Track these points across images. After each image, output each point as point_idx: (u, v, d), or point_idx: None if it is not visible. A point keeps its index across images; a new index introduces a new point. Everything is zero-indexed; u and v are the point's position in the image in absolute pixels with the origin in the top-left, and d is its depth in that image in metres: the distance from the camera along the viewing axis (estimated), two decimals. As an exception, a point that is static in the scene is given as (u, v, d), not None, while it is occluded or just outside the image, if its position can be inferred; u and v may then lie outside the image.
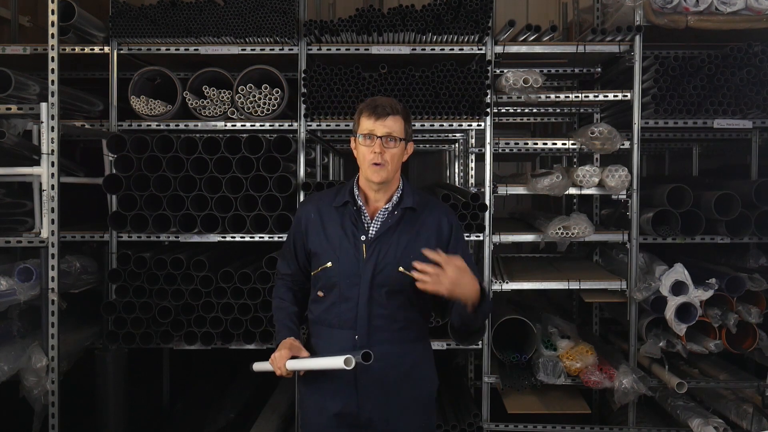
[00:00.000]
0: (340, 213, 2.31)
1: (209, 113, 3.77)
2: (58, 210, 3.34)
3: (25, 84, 3.45)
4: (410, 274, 2.15)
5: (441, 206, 2.42)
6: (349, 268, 2.25)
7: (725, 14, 3.72)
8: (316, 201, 2.40)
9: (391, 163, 2.24)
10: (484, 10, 3.63)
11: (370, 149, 2.23)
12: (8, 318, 3.54)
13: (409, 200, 2.31)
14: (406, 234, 2.28)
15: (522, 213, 5.53)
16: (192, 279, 3.60)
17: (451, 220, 2.36)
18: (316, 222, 2.33)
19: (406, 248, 2.25)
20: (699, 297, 3.66)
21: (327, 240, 2.30)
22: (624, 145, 3.80)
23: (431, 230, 2.31)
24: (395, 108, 2.25)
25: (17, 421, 3.66)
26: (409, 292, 2.25)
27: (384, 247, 2.25)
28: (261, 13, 3.65)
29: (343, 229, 2.29)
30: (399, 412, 2.28)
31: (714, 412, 3.78)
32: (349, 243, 2.27)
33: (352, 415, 2.26)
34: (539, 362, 3.77)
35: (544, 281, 3.90)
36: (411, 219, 2.31)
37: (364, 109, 2.27)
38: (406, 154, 2.32)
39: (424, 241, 2.27)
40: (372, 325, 2.24)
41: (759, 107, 3.65)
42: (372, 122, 2.23)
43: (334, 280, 2.27)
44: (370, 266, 2.23)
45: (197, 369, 5.03)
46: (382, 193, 2.31)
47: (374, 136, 2.23)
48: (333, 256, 2.27)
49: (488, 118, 3.75)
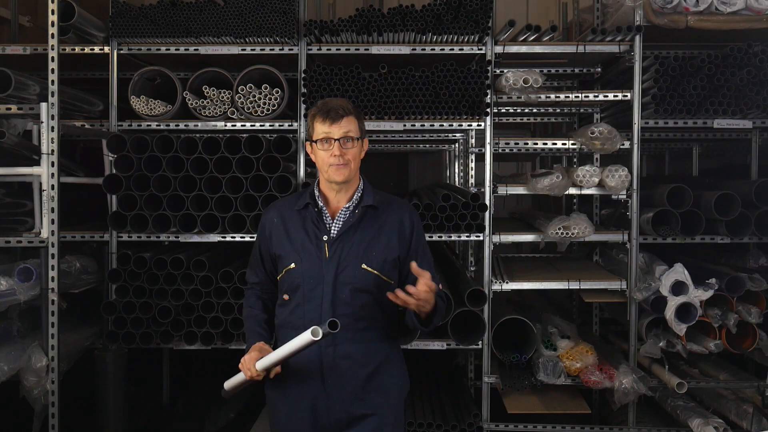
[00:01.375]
0: (301, 216, 2.36)
1: (209, 113, 3.77)
2: (58, 210, 3.35)
3: (25, 84, 3.45)
4: (374, 271, 2.25)
5: (402, 204, 2.46)
6: (312, 267, 2.29)
7: (725, 14, 3.72)
8: (279, 207, 2.45)
9: (353, 162, 2.30)
10: (484, 10, 3.63)
11: (329, 152, 2.28)
12: (8, 318, 3.54)
13: (370, 198, 2.36)
14: (368, 231, 2.32)
15: (522, 213, 5.53)
16: (192, 279, 3.60)
17: (413, 218, 2.41)
18: (279, 226, 2.37)
19: (369, 245, 2.30)
20: (699, 297, 3.65)
21: (290, 242, 2.34)
22: (624, 145, 3.80)
23: (393, 227, 2.35)
24: (347, 109, 2.31)
25: (17, 421, 3.66)
26: (374, 291, 2.30)
27: (346, 245, 2.29)
28: (261, 13, 3.65)
29: (305, 230, 2.33)
30: (370, 412, 2.29)
31: (714, 412, 3.78)
32: (312, 243, 2.31)
33: (322, 417, 2.28)
34: (539, 362, 3.77)
35: (544, 281, 3.90)
36: (372, 217, 2.35)
37: (317, 114, 2.31)
38: (363, 150, 2.38)
39: (386, 238, 2.33)
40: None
41: (759, 107, 3.65)
42: (327, 126, 2.28)
43: (297, 282, 2.30)
44: (333, 265, 2.27)
45: (197, 369, 5.03)
46: (344, 193, 2.35)
47: (332, 140, 2.27)
48: (296, 257, 2.31)
49: (488, 118, 3.75)
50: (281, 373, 2.26)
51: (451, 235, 3.72)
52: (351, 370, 2.28)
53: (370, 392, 2.30)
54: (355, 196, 2.36)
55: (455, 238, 3.75)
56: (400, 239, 2.35)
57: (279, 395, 2.35)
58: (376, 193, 2.40)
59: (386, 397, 2.34)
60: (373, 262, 2.29)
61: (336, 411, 2.28)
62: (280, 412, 2.36)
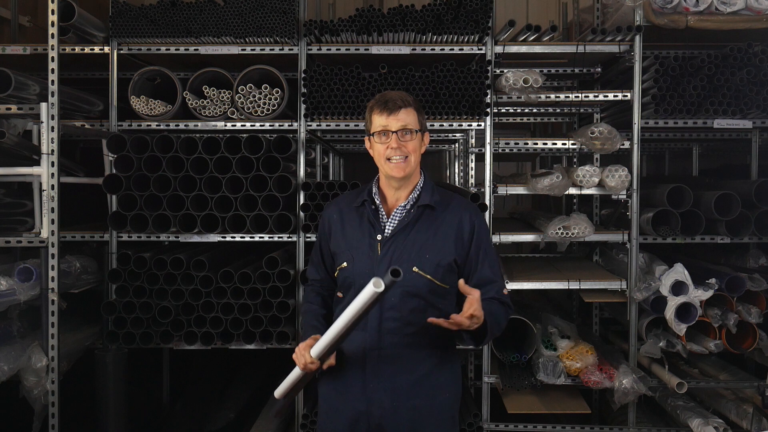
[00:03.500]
0: (359, 213, 2.29)
1: (209, 113, 3.77)
2: (58, 210, 3.35)
3: (25, 84, 3.45)
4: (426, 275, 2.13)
5: (464, 203, 2.33)
6: (364, 267, 2.20)
7: (725, 14, 3.72)
8: (339, 203, 2.38)
9: (412, 155, 2.21)
10: (484, 10, 3.63)
11: (386, 145, 2.20)
12: (8, 318, 3.54)
13: (428, 197, 2.25)
14: (423, 232, 2.21)
15: (522, 213, 5.53)
16: (192, 279, 3.60)
17: (474, 218, 2.27)
18: (337, 223, 2.31)
19: (423, 247, 2.20)
20: (699, 297, 3.65)
21: (345, 240, 2.27)
22: (624, 145, 3.80)
23: (451, 229, 2.23)
24: (406, 100, 2.22)
25: (17, 421, 3.66)
26: (426, 296, 2.19)
27: (399, 245, 2.20)
28: (261, 13, 3.65)
29: (361, 228, 2.25)
30: (411, 421, 2.19)
31: (714, 412, 3.79)
32: (365, 242, 2.23)
33: (362, 420, 2.20)
34: (539, 362, 3.77)
35: (544, 281, 3.89)
36: (430, 217, 2.24)
37: (374, 106, 2.23)
38: (423, 145, 2.28)
39: (442, 240, 2.21)
40: (382, 327, 2.18)
41: (759, 107, 3.65)
42: (385, 118, 2.20)
43: (350, 280, 2.23)
44: (384, 265, 2.16)
45: (197, 369, 5.03)
46: (403, 190, 2.27)
47: (389, 132, 2.19)
48: (348, 256, 2.24)
49: (488, 118, 3.75)
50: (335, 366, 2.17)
51: (451, 235, 3.71)
52: (394, 375, 2.18)
53: (415, 400, 2.18)
54: (412, 195, 2.27)
55: (455, 238, 3.74)
56: (457, 242, 2.22)
57: (326, 391, 2.27)
58: (435, 192, 2.28)
59: (432, 405, 2.21)
60: (426, 265, 2.17)
61: (376, 416, 2.18)
62: (325, 409, 2.27)
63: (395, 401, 2.18)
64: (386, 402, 2.18)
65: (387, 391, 2.18)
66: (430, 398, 2.22)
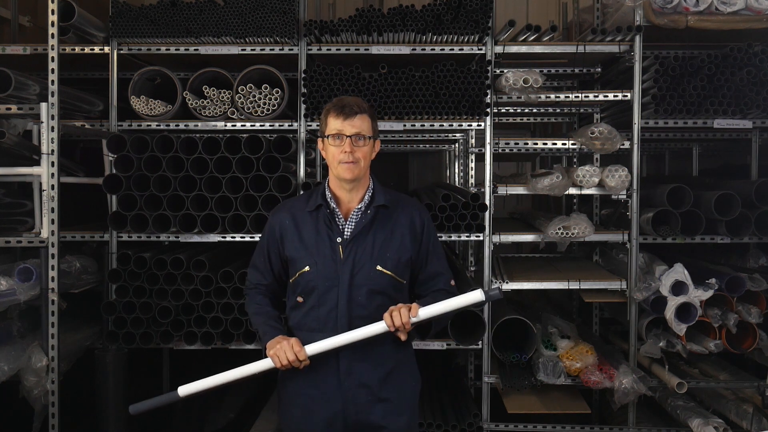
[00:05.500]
0: (314, 217, 2.33)
1: (209, 113, 3.77)
2: (58, 210, 3.35)
3: (25, 84, 3.45)
4: (388, 272, 2.25)
5: (413, 203, 2.45)
6: (327, 270, 2.27)
7: (725, 14, 3.72)
8: (290, 208, 2.41)
9: (363, 161, 2.28)
10: (484, 10, 3.63)
11: (340, 149, 2.26)
12: (8, 318, 3.54)
13: (381, 198, 2.34)
14: (381, 232, 2.31)
15: (522, 213, 5.53)
16: (192, 279, 3.60)
17: (423, 215, 2.40)
18: (290, 228, 2.34)
19: (383, 246, 2.30)
20: (699, 297, 3.65)
21: (303, 245, 2.31)
22: (624, 145, 3.80)
23: (405, 227, 2.35)
24: (362, 107, 2.29)
25: (17, 421, 3.66)
26: (389, 293, 2.29)
27: (361, 246, 2.28)
28: (261, 13, 3.65)
29: (318, 232, 2.31)
30: (383, 412, 2.29)
31: (714, 412, 3.78)
32: (326, 245, 2.29)
33: (338, 419, 2.27)
34: (539, 362, 3.77)
35: (544, 281, 3.90)
36: (384, 217, 2.34)
37: (331, 110, 2.29)
38: (374, 151, 2.36)
39: (399, 237, 2.32)
40: (353, 326, 2.25)
41: (759, 107, 3.65)
42: (340, 122, 2.26)
43: (312, 284, 2.29)
44: (348, 266, 2.26)
45: (197, 369, 5.02)
46: (355, 193, 2.34)
47: (343, 136, 2.26)
48: (310, 260, 2.29)
49: (488, 118, 3.75)
50: (304, 368, 2.24)
51: (451, 235, 3.72)
52: (367, 371, 2.27)
53: (386, 392, 2.30)
54: (366, 197, 2.35)
55: (455, 238, 3.75)
56: (413, 239, 2.35)
57: (296, 396, 2.32)
58: (386, 193, 2.39)
59: (401, 396, 2.34)
60: (388, 263, 2.29)
61: (353, 413, 2.27)
62: (296, 414, 2.33)
63: (369, 396, 2.28)
64: (361, 398, 2.27)
65: (361, 388, 2.27)
66: (398, 390, 2.34)
